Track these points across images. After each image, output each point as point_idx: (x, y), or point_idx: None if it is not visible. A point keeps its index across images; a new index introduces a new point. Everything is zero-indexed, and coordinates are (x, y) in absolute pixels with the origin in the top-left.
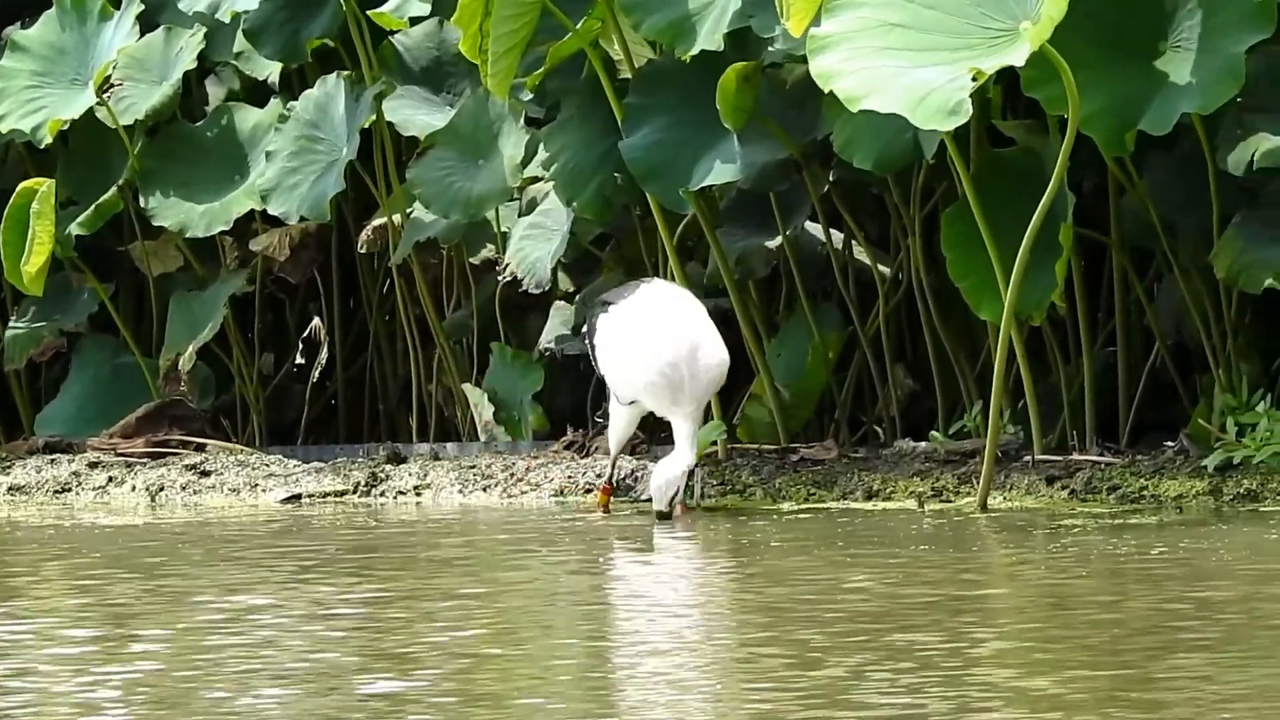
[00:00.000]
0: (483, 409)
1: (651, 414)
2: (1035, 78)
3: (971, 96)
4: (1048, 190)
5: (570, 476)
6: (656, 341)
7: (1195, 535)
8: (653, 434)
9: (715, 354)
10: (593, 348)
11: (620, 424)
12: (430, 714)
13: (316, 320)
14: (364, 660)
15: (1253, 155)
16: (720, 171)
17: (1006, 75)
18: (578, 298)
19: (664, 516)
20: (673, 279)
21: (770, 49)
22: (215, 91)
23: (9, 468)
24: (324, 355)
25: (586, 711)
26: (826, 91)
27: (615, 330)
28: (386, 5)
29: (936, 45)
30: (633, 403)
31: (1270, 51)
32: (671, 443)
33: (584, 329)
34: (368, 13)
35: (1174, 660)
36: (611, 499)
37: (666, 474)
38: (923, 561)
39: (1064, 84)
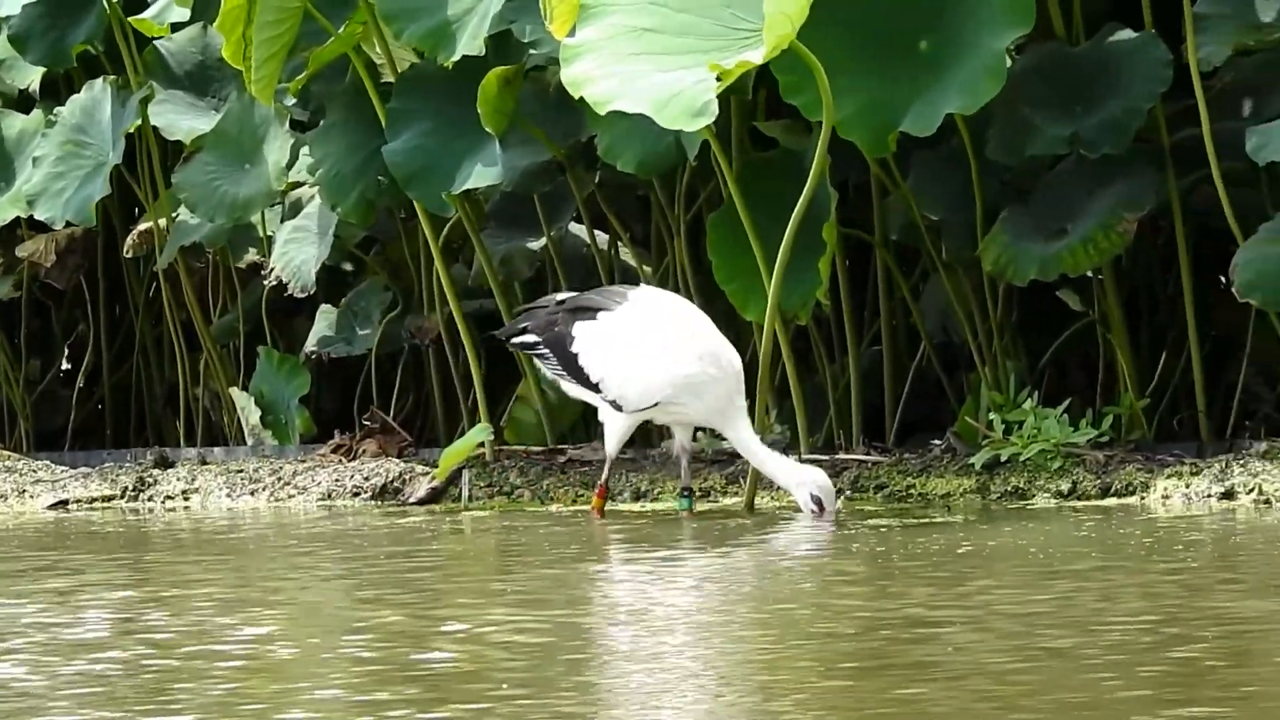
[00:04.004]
0: (250, 413)
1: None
2: (793, 83)
3: (729, 98)
4: (805, 189)
5: (338, 480)
6: (708, 343)
7: (961, 531)
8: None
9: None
10: (572, 356)
11: (620, 432)
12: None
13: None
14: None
15: (1023, 146)
16: (481, 175)
17: (770, 80)
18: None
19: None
20: (439, 280)
21: (532, 52)
22: None
23: None
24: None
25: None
26: (577, 98)
27: (633, 336)
28: (148, 12)
29: (688, 48)
30: (652, 406)
31: (1039, 45)
32: None
33: (536, 337)
34: (130, 19)
35: (925, 654)
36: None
37: (805, 488)
38: (685, 561)
39: (817, 85)
